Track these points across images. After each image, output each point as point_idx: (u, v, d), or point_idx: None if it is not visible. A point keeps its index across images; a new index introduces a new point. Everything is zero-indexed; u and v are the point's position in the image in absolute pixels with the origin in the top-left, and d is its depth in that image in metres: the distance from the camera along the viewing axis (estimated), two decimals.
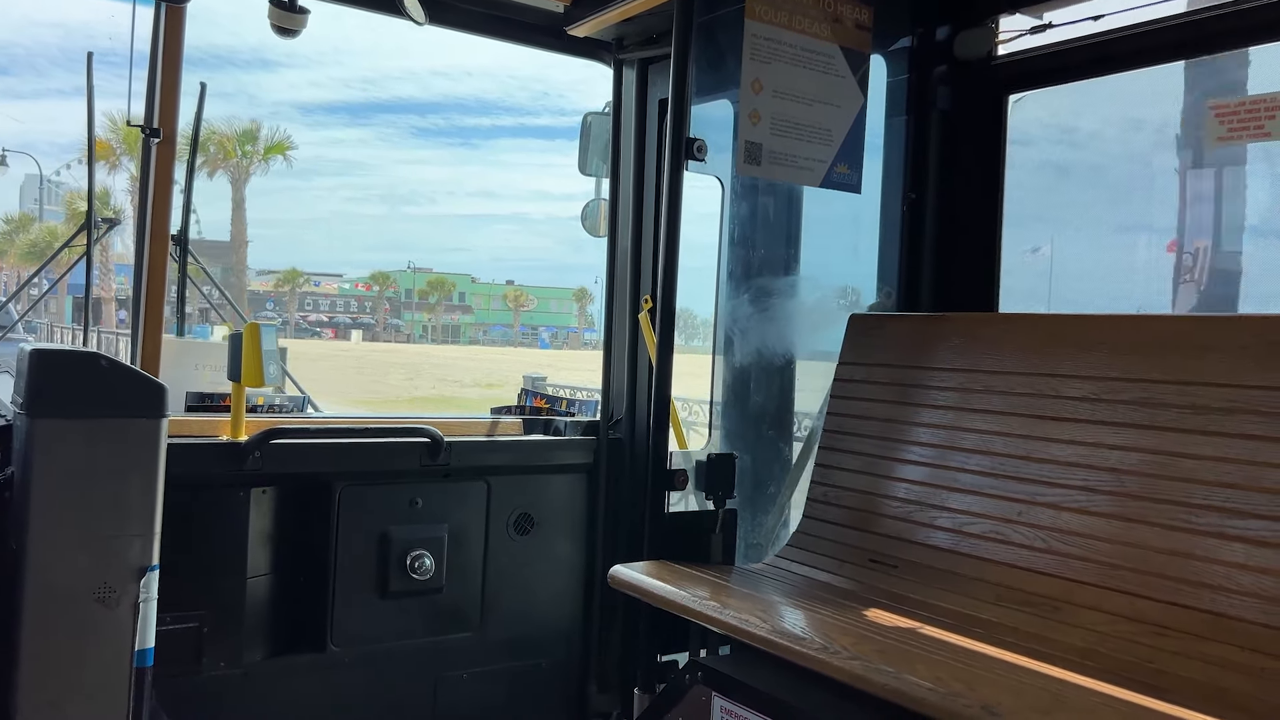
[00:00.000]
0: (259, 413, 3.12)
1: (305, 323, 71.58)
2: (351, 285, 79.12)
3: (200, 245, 60.61)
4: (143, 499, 2.34)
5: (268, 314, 68.62)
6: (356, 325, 75.04)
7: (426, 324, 77.17)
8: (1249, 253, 3.30)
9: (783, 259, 3.23)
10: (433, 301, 76.63)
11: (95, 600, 2.29)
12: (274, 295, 72.44)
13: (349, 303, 79.60)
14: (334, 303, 79.28)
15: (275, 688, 2.89)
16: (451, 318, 77.67)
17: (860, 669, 1.85)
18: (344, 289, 78.66)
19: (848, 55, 2.77)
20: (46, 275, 10.90)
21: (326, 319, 76.69)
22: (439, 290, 76.04)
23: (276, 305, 72.35)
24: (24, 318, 5.52)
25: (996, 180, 2.91)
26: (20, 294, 17.17)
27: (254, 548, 2.86)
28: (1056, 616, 2.17)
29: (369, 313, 78.43)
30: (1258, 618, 1.91)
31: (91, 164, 3.18)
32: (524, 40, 3.41)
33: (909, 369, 2.69)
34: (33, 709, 2.23)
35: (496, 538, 3.21)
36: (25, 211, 53.05)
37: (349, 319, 77.17)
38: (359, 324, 75.47)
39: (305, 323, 71.58)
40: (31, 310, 22.03)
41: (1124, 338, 2.30)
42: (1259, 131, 2.38)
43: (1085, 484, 2.24)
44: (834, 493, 2.73)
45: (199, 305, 5.18)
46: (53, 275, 10.80)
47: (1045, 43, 2.79)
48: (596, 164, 3.66)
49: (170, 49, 2.78)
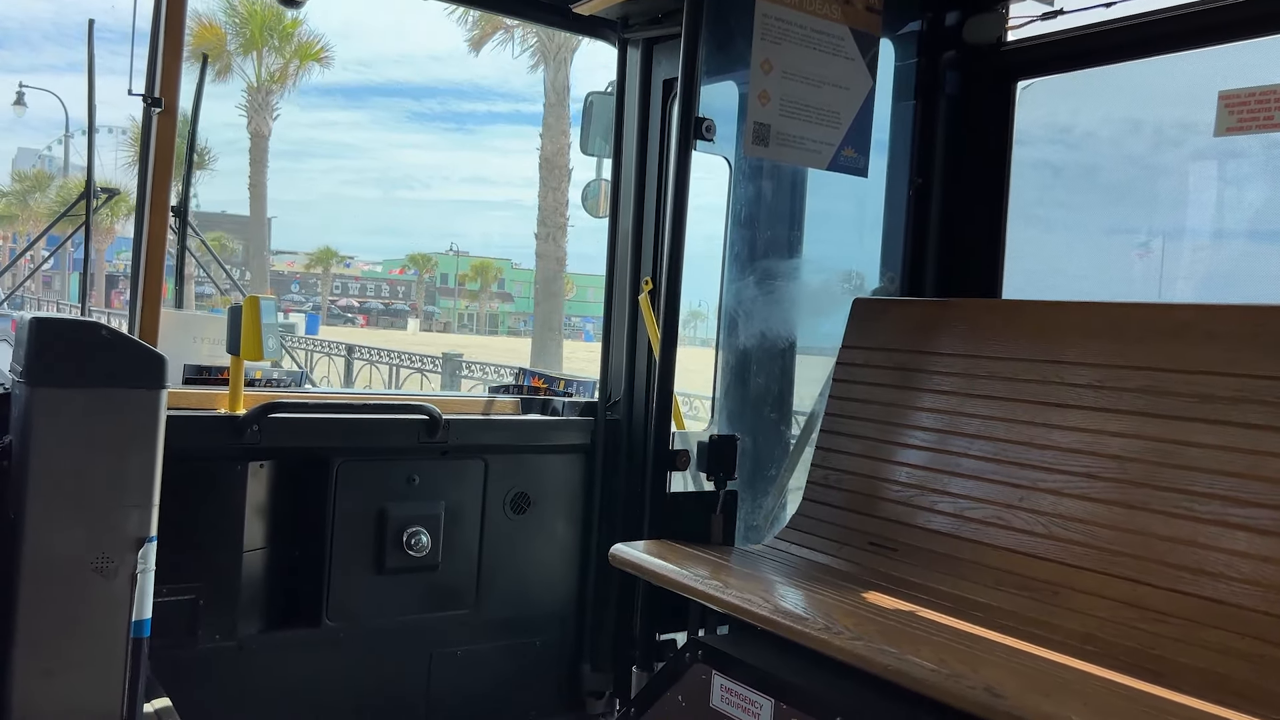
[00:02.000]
0: (257, 386, 3.11)
1: (336, 308, 65.64)
2: (384, 269, 73.14)
3: (219, 219, 55.67)
4: (141, 470, 2.33)
5: (295, 298, 64.43)
6: (389, 312, 68.59)
7: (464, 312, 70.05)
8: (1242, 253, 3.31)
9: (787, 241, 3.22)
10: (474, 288, 69.18)
11: (93, 570, 2.28)
12: (300, 277, 67.94)
13: (380, 287, 73.70)
14: (364, 287, 73.45)
15: (270, 661, 2.89)
16: (491, 306, 70.43)
17: (863, 649, 1.86)
18: (374, 272, 72.83)
19: (857, 38, 2.75)
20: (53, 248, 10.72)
21: (357, 304, 70.64)
22: (483, 275, 68.53)
23: (304, 288, 67.84)
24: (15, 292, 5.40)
25: (1003, 166, 2.91)
26: (17, 266, 16.93)
27: (251, 521, 2.85)
28: (1056, 601, 2.17)
29: (401, 298, 72.54)
30: (1258, 605, 1.92)
31: (92, 132, 3.15)
32: (528, 17, 3.39)
33: (912, 354, 2.69)
34: (29, 678, 2.22)
35: (493, 516, 3.21)
36: (40, 167, 44.29)
37: (380, 304, 70.97)
38: (392, 310, 69.28)
39: (336, 308, 65.64)
40: (26, 285, 21.65)
41: (1128, 325, 2.30)
42: (1269, 122, 2.37)
43: (1087, 470, 2.24)
44: (834, 475, 2.74)
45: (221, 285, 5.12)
46: (63, 249, 10.61)
47: (1056, 29, 2.78)
48: (599, 144, 3.64)
49: (172, 19, 2.75)
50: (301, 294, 67.60)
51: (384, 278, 73.13)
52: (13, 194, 42.04)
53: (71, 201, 3.18)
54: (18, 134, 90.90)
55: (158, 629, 2.39)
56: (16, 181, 41.58)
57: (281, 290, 63.84)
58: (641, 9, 3.20)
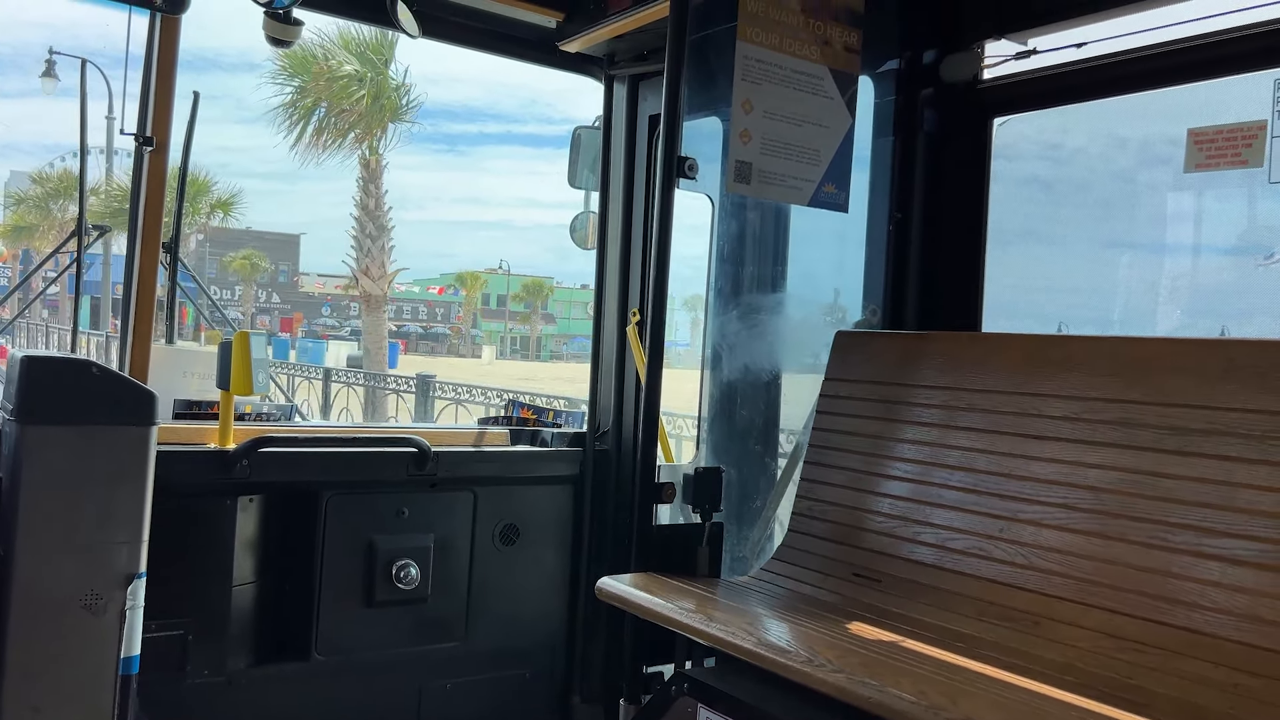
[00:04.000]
0: (246, 421, 3.13)
1: None
2: (422, 288, 64.52)
3: (258, 237, 53.20)
4: (131, 506, 2.35)
5: (327, 323, 59.62)
6: (429, 336, 62.03)
7: (506, 335, 64.28)
8: (1227, 271, 3.37)
9: (770, 276, 3.27)
10: (524, 309, 63.51)
11: (82, 607, 2.29)
12: (331, 299, 62.58)
13: (417, 309, 66.63)
14: (399, 309, 65.80)
15: (259, 696, 2.89)
16: (528, 327, 64.32)
17: (844, 682, 1.88)
18: (411, 293, 63.86)
19: (836, 77, 2.81)
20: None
21: (395, 327, 63.50)
22: (536, 295, 62.25)
23: (335, 311, 62.40)
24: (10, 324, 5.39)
25: (981, 202, 2.96)
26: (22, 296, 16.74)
27: (240, 556, 2.87)
28: (1036, 632, 2.20)
29: (441, 320, 66.29)
30: (1232, 634, 1.96)
31: (84, 169, 3.18)
32: (516, 55, 3.45)
33: (894, 386, 2.73)
34: (18, 715, 2.23)
35: (482, 548, 3.23)
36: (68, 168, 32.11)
37: (419, 328, 64.25)
38: (432, 334, 62.70)
39: None
40: (35, 311, 21.12)
41: (1104, 359, 2.34)
42: (1236, 159, 2.43)
43: (1065, 502, 2.28)
44: (819, 507, 2.77)
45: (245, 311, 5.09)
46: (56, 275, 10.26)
47: (1029, 68, 2.84)
48: (586, 177, 3.69)
49: (165, 59, 2.80)
50: (334, 317, 62.20)
51: (421, 298, 66.47)
52: (31, 200, 32.71)
53: (74, 224, 3.19)
54: (9, 158, 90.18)
55: (146, 664, 2.40)
56: (38, 184, 32.20)
57: (311, 314, 60.10)
58: (627, 46, 3.27)
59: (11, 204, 34.61)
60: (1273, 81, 2.40)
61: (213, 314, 5.59)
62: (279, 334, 53.66)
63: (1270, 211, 2.98)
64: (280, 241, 60.94)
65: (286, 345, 35.69)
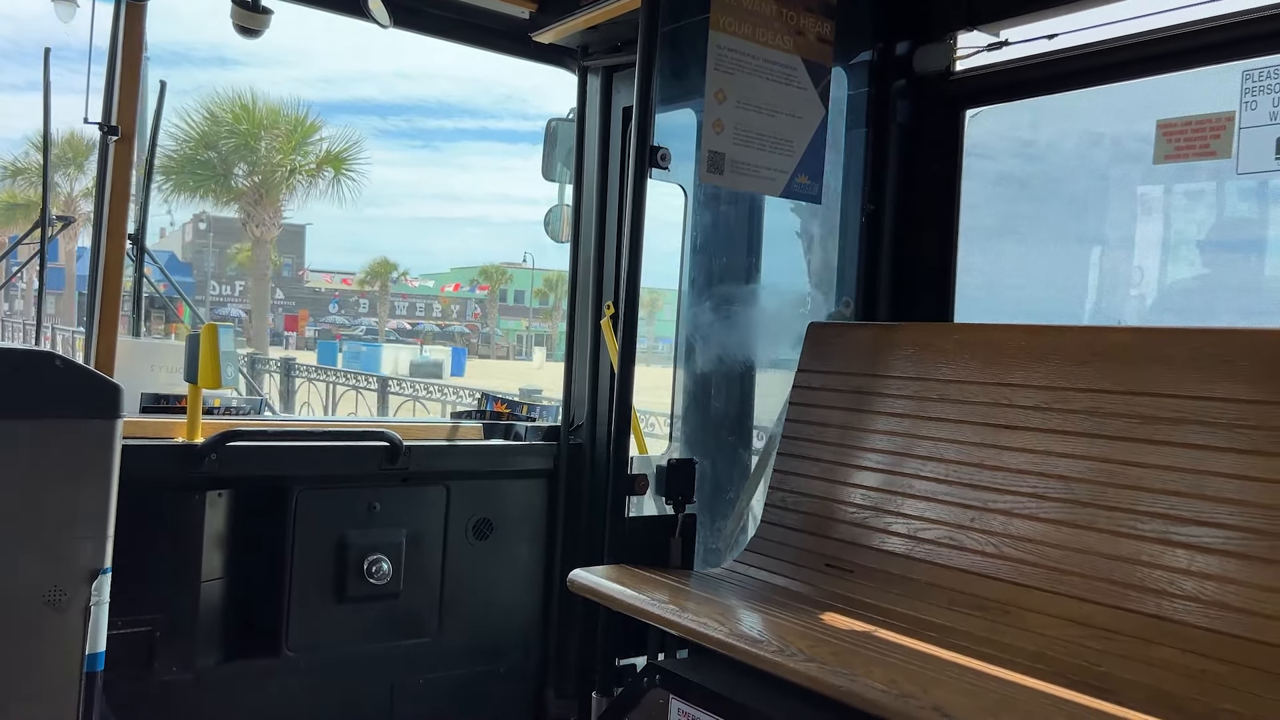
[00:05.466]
0: (215, 414, 3.09)
1: (388, 331, 55.53)
2: (436, 284, 61.74)
3: (234, 226, 50.18)
4: (95, 501, 2.31)
5: (335, 319, 55.56)
6: (445, 334, 58.82)
7: (524, 334, 60.90)
8: (1198, 266, 3.40)
9: (744, 267, 3.27)
10: (538, 305, 59.13)
11: (45, 603, 2.25)
12: (340, 295, 59.61)
13: (431, 306, 64.46)
14: (412, 305, 63.57)
15: (229, 693, 2.86)
16: (549, 325, 59.17)
17: (815, 671, 1.88)
18: (426, 288, 61.42)
19: (809, 68, 2.81)
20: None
21: (409, 325, 60.46)
22: (558, 291, 53.37)
23: (343, 307, 59.34)
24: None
25: (953, 193, 2.97)
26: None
27: (209, 551, 2.83)
28: (1006, 620, 2.21)
29: (456, 318, 63.94)
30: (1199, 621, 1.97)
31: (47, 160, 3.13)
32: (489, 45, 3.42)
33: (866, 377, 2.73)
34: None
35: (455, 542, 3.21)
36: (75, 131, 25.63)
37: (435, 326, 61.63)
38: (447, 332, 59.68)
39: (388, 331, 55.53)
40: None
41: (1074, 348, 2.35)
42: (1204, 150, 2.45)
43: (1036, 491, 2.29)
44: (792, 498, 2.77)
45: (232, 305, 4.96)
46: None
47: (1002, 59, 2.85)
48: (560, 170, 3.67)
49: (130, 47, 2.76)
50: (343, 314, 58.62)
51: (434, 294, 63.80)
52: (33, 170, 26.62)
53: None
54: None
55: (113, 661, 2.36)
56: (39, 151, 24.99)
57: (319, 311, 55.59)
58: (601, 37, 3.25)
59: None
60: (1241, 73, 2.41)
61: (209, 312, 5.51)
62: (285, 332, 50.27)
63: (1238, 205, 3.01)
64: (284, 233, 58.29)
65: (334, 349, 31.51)
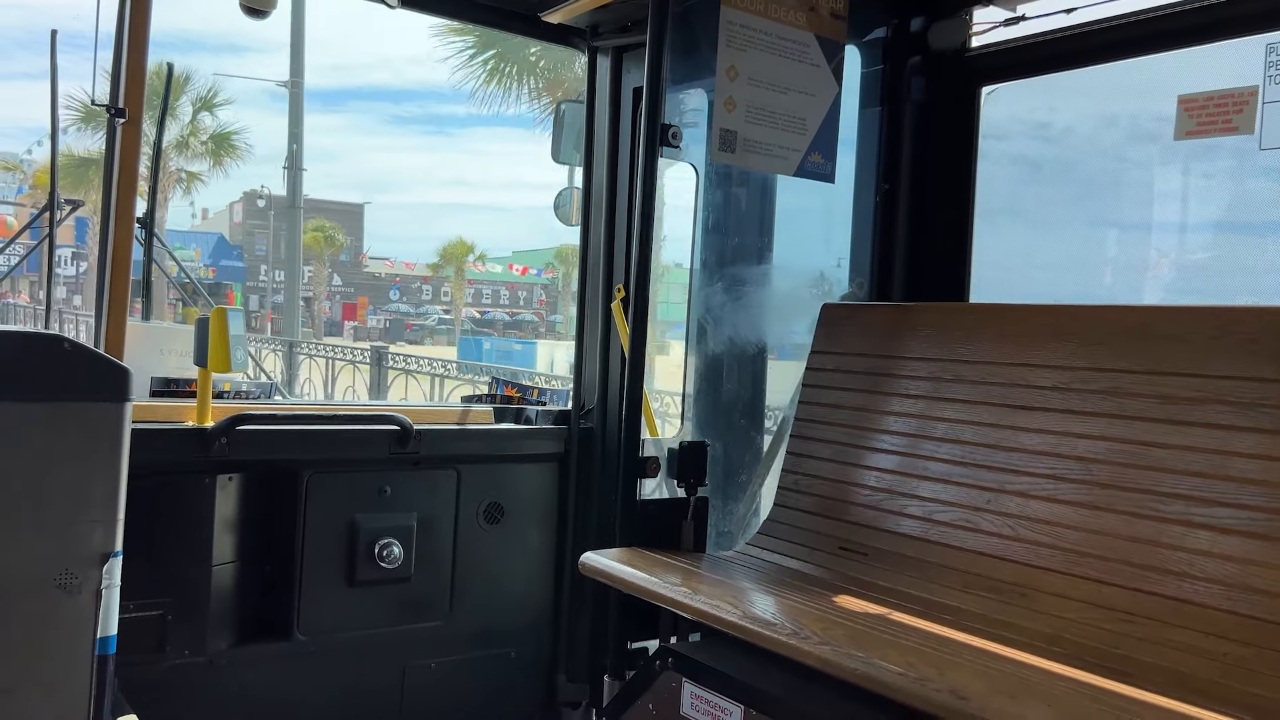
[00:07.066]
0: (225, 398, 3.08)
1: (449, 321, 50.37)
2: (504, 267, 54.18)
3: (316, 206, 46.43)
4: (105, 484, 2.30)
5: (402, 307, 51.53)
6: (515, 324, 54.02)
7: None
8: (1214, 247, 3.35)
9: (756, 247, 3.23)
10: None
11: (56, 587, 2.25)
12: (401, 281, 55.86)
13: (498, 293, 58.88)
14: (478, 292, 57.06)
15: (240, 677, 2.86)
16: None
17: (830, 654, 1.86)
18: (490, 274, 54.65)
19: (823, 44, 2.77)
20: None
21: (478, 314, 55.41)
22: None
23: (406, 294, 55.50)
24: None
25: (969, 172, 2.93)
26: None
27: (219, 535, 2.83)
28: (1023, 603, 2.18)
29: (524, 305, 58.42)
30: (1221, 604, 1.94)
31: (55, 144, 3.12)
32: (498, 25, 3.39)
33: (880, 358, 2.70)
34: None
35: (466, 526, 3.19)
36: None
37: (505, 315, 56.14)
38: (518, 321, 54.76)
39: (449, 321, 50.37)
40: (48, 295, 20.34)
41: (1093, 328, 2.32)
42: (1226, 125, 2.40)
43: (1053, 472, 2.25)
44: (805, 481, 2.74)
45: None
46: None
47: (1018, 35, 2.80)
48: (570, 152, 3.64)
49: (136, 28, 2.73)
50: (406, 302, 54.33)
51: (503, 280, 57.32)
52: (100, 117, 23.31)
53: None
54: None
55: (124, 645, 2.36)
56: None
57: (379, 300, 51.34)
58: (611, 17, 3.21)
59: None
60: (1265, 46, 2.36)
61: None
62: (342, 321, 46.48)
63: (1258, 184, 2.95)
64: (341, 212, 52.57)
65: (478, 345, 27.86)
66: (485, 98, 20.48)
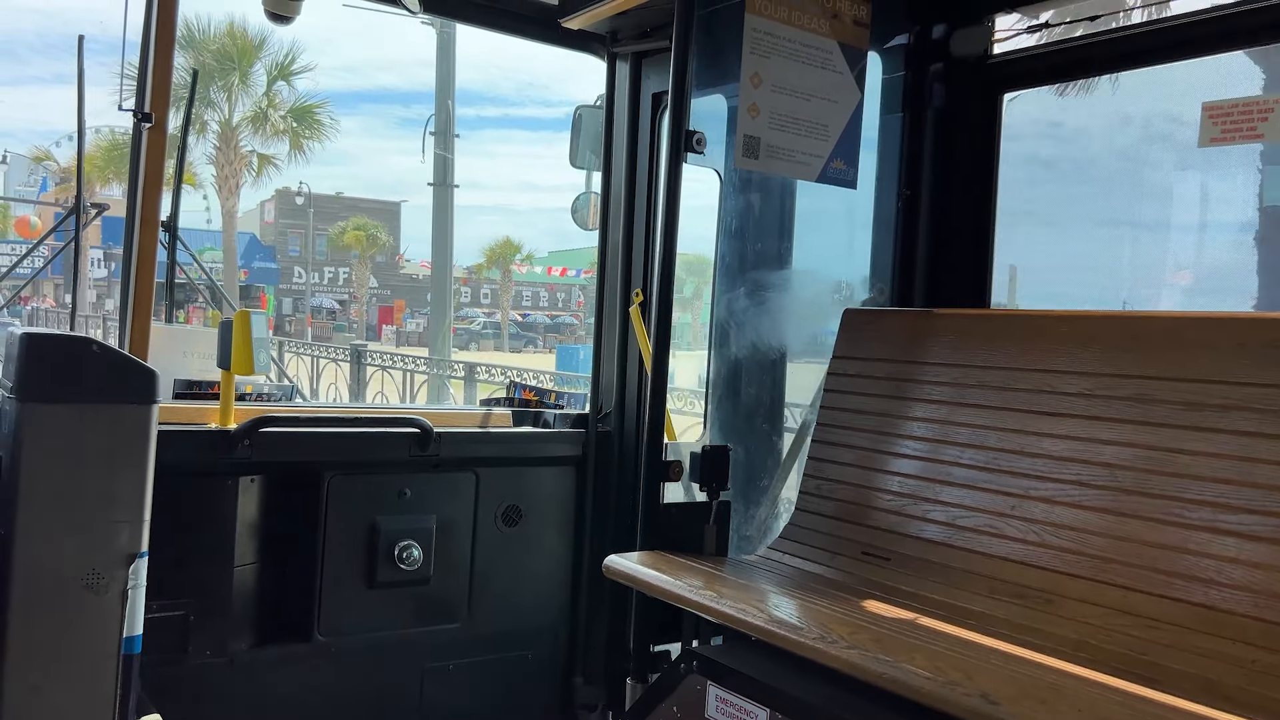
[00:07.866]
0: (247, 401, 3.10)
1: (493, 325, 48.24)
2: (542, 269, 52.47)
3: (352, 205, 45.16)
4: (132, 485, 2.32)
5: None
6: (556, 327, 51.74)
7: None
8: (1233, 250, 3.35)
9: (777, 253, 3.24)
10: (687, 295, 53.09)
11: (83, 587, 2.26)
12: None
13: (538, 294, 57.34)
14: (519, 294, 55.25)
15: (261, 677, 2.87)
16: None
17: (858, 658, 1.86)
18: (531, 274, 52.82)
19: (845, 51, 2.78)
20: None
21: (519, 317, 53.59)
22: (695, 275, 33.45)
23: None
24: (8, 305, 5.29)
25: (990, 178, 2.93)
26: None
27: (242, 536, 2.84)
28: (1049, 609, 2.18)
29: (562, 308, 56.71)
30: (1249, 611, 1.94)
31: (81, 149, 3.14)
32: (517, 32, 3.40)
33: (903, 364, 2.70)
34: (18, 695, 2.20)
35: (485, 529, 3.20)
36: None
37: (546, 318, 54.49)
38: (559, 325, 52.57)
39: (493, 325, 48.24)
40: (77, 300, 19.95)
41: (1119, 335, 2.32)
42: (1251, 133, 2.40)
43: (1079, 479, 2.25)
44: (827, 485, 2.74)
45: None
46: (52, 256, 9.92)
47: (1041, 42, 2.81)
48: (588, 157, 3.66)
49: (163, 34, 2.76)
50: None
51: (542, 281, 55.67)
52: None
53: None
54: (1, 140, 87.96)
55: (148, 645, 2.37)
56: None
57: (416, 302, 48.31)
58: (630, 23, 3.22)
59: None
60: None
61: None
62: (380, 324, 43.98)
63: None
64: (379, 210, 50.09)
65: (574, 354, 24.94)
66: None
